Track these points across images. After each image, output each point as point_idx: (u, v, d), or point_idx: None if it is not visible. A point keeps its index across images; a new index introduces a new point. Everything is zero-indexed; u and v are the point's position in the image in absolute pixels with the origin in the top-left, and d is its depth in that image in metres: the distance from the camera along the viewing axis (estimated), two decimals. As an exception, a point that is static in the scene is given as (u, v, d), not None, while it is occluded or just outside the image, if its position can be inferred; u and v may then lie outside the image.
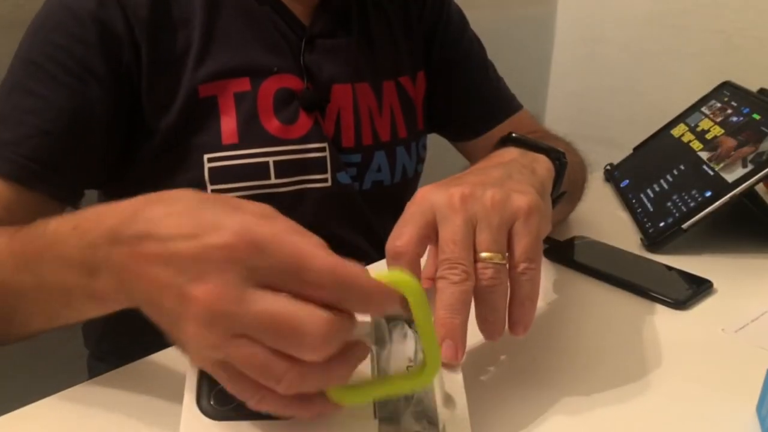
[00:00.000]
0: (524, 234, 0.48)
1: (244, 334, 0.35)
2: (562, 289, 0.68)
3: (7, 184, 0.64)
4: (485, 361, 0.55)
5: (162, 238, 0.37)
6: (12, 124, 0.65)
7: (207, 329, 0.35)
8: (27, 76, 0.67)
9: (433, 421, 0.44)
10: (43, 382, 0.57)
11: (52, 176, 0.66)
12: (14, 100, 0.67)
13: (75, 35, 0.66)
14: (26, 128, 0.65)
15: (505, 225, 0.47)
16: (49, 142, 0.65)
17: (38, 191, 0.65)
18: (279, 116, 0.73)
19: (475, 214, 0.47)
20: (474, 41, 0.93)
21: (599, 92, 1.85)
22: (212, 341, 0.35)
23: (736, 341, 0.60)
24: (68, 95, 0.66)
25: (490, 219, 0.47)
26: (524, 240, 0.48)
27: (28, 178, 0.64)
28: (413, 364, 0.46)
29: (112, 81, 0.68)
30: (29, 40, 0.68)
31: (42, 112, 0.65)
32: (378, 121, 0.81)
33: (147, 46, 0.68)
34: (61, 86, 0.66)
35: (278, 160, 0.73)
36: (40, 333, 0.52)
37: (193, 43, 0.70)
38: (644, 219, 0.83)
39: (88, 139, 0.68)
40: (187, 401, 0.45)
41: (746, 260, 0.77)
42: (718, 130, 0.90)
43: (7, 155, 0.64)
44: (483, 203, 0.47)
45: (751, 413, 0.50)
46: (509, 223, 0.48)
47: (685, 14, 1.64)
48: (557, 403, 0.51)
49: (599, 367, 0.56)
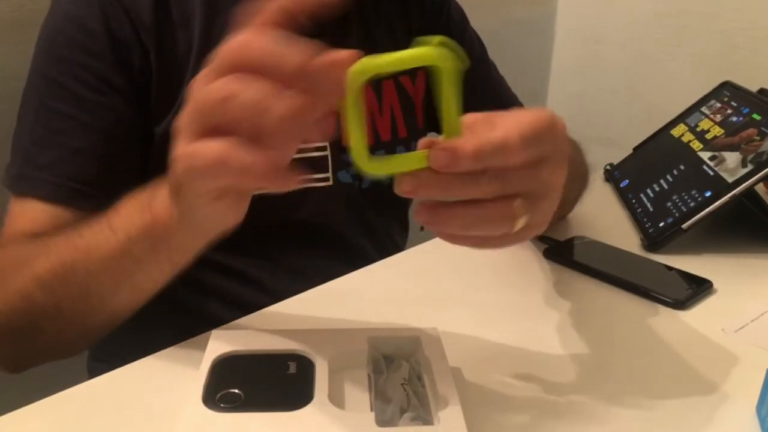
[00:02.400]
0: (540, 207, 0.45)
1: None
2: (562, 289, 0.68)
3: (49, 204, 0.66)
4: (482, 360, 0.55)
5: None
6: (46, 146, 0.67)
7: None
8: (52, 97, 0.68)
9: (429, 423, 0.44)
10: (43, 382, 0.57)
11: (92, 192, 0.68)
12: (43, 120, 0.68)
13: (89, 50, 0.67)
14: (60, 150, 0.67)
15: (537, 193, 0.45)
16: (83, 161, 0.67)
17: (80, 208, 0.67)
18: None
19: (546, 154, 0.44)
20: (475, 40, 0.93)
21: (599, 93, 1.85)
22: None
23: (736, 341, 0.60)
24: (94, 112, 0.68)
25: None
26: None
27: (69, 197, 0.67)
28: (406, 383, 0.48)
29: (130, 89, 0.69)
30: (44, 56, 0.69)
31: (72, 133, 0.67)
32: (378, 121, 0.81)
33: (154, 51, 0.69)
34: (85, 104, 0.67)
35: None
36: (118, 309, 0.55)
37: (193, 43, 0.70)
38: (644, 219, 0.83)
39: (119, 151, 0.69)
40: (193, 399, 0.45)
41: (746, 260, 0.77)
42: (718, 130, 0.90)
43: (46, 178, 0.66)
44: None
45: (751, 413, 0.50)
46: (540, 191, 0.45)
47: (685, 14, 1.64)
48: (556, 404, 0.51)
49: (599, 367, 0.56)
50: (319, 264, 0.74)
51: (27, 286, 0.58)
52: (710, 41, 1.61)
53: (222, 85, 0.38)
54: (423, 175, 0.41)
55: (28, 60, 0.70)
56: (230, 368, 0.49)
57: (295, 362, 0.49)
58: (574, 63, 1.90)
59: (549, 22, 1.89)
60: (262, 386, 0.47)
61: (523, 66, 1.78)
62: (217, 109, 0.39)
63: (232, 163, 0.39)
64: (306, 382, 0.47)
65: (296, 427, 0.43)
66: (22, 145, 0.69)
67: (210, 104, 0.39)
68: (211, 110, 0.39)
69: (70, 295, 0.57)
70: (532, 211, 0.44)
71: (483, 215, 0.42)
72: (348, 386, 0.50)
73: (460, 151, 0.40)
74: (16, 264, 0.60)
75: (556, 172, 0.45)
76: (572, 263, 0.73)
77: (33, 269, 0.58)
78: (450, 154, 0.40)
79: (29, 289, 0.58)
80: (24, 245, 0.62)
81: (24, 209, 0.67)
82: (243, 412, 0.44)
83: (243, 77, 0.38)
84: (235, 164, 0.39)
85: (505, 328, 0.59)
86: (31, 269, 0.58)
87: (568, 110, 1.92)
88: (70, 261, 0.57)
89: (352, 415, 0.46)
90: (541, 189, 0.44)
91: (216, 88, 0.38)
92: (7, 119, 0.71)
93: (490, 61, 0.94)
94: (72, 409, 0.49)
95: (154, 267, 0.55)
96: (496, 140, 0.40)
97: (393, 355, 0.52)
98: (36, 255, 0.59)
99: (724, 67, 1.55)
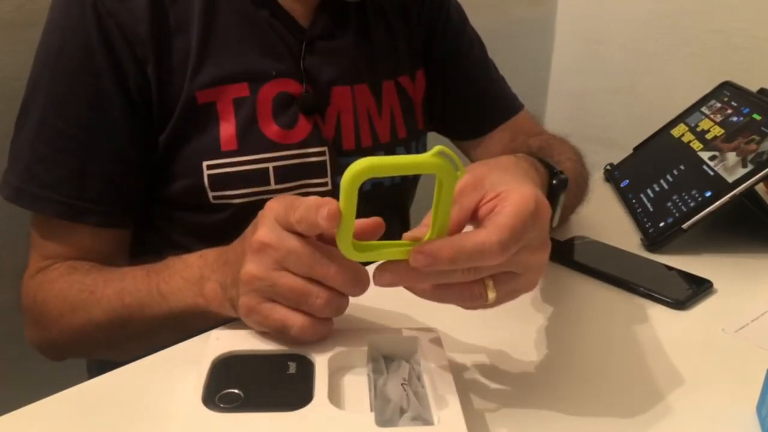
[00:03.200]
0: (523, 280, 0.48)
1: (285, 267, 0.48)
2: (562, 289, 0.68)
3: (57, 222, 0.69)
4: (482, 360, 0.55)
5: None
6: (50, 165, 0.68)
7: (258, 257, 0.49)
8: (53, 114, 0.68)
9: (429, 423, 0.44)
10: (43, 382, 0.57)
11: (98, 208, 0.69)
12: (45, 138, 0.68)
13: (88, 69, 0.68)
14: (64, 170, 0.68)
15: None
16: (88, 179, 0.69)
17: (88, 224, 0.69)
18: (278, 121, 0.73)
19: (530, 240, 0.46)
20: (474, 40, 0.92)
21: (599, 92, 1.85)
22: (262, 270, 0.48)
23: (736, 341, 0.60)
24: (96, 130, 0.69)
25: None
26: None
27: (76, 214, 0.69)
28: (406, 383, 0.48)
29: (128, 103, 0.69)
30: (44, 72, 0.69)
31: (76, 152, 0.68)
32: (377, 122, 0.81)
33: (152, 62, 0.68)
34: (87, 123, 0.68)
35: (278, 166, 0.73)
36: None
37: (191, 50, 0.70)
38: (644, 219, 0.83)
39: (123, 166, 0.70)
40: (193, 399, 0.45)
41: (746, 260, 0.77)
42: (718, 130, 0.90)
43: (52, 197, 0.68)
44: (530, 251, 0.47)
45: (751, 413, 0.50)
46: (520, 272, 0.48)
47: (685, 14, 1.64)
48: (556, 404, 0.51)
49: (599, 367, 0.56)
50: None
51: (86, 329, 0.65)
52: (710, 41, 1.61)
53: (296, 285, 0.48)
54: (401, 269, 0.45)
55: (28, 60, 0.70)
56: (230, 368, 0.49)
57: (295, 362, 0.49)
58: (574, 63, 1.90)
59: (549, 22, 1.89)
60: (262, 386, 0.47)
61: (523, 66, 1.78)
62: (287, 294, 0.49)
63: (293, 334, 0.49)
64: (306, 382, 0.47)
65: (296, 427, 0.43)
66: (22, 158, 0.69)
67: (283, 293, 0.49)
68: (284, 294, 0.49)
69: (127, 336, 0.64)
70: (514, 285, 0.47)
71: (453, 295, 0.46)
72: (348, 386, 0.50)
73: (438, 257, 0.43)
74: (72, 307, 0.65)
75: (537, 254, 0.47)
76: (572, 263, 0.73)
77: (89, 315, 0.64)
78: (428, 257, 0.43)
79: (89, 332, 0.65)
80: (68, 282, 0.67)
81: (41, 229, 0.70)
82: (243, 412, 0.44)
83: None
84: (293, 336, 0.49)
85: (505, 328, 0.59)
86: (88, 314, 0.64)
87: (568, 110, 1.92)
88: (126, 315, 0.62)
89: (352, 415, 0.46)
90: (519, 269, 0.47)
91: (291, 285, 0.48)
92: (7, 119, 0.71)
93: (490, 61, 0.94)
94: (72, 409, 0.49)
95: (168, 335, 0.59)
96: (473, 249, 0.43)
97: (393, 355, 0.52)
98: (89, 303, 0.64)
99: (724, 67, 1.55)
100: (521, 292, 0.49)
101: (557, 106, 1.95)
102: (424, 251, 0.43)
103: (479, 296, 0.46)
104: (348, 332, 0.53)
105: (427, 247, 0.43)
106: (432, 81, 0.88)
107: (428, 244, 0.43)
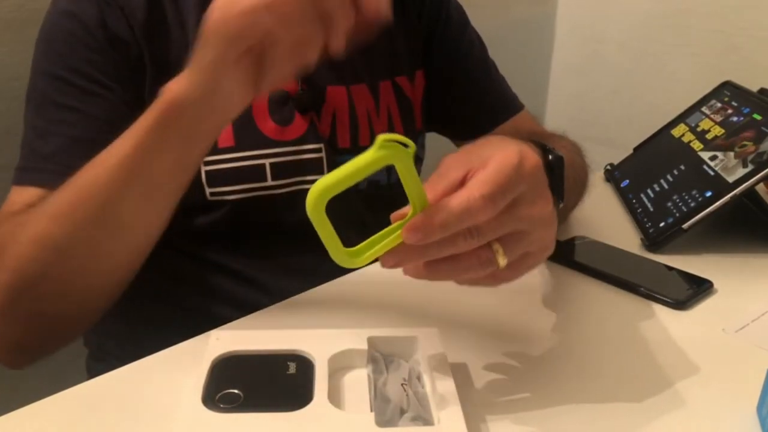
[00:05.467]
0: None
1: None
2: (562, 289, 0.68)
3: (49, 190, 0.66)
4: (482, 361, 0.55)
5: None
6: (48, 136, 0.67)
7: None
8: (55, 91, 0.68)
9: (429, 423, 0.44)
10: (43, 382, 0.58)
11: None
12: (45, 114, 0.68)
13: (87, 44, 0.67)
14: (62, 139, 0.67)
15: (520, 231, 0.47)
16: (84, 150, 0.66)
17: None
18: (274, 118, 0.73)
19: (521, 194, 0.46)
20: (475, 40, 0.92)
21: (599, 92, 1.85)
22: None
23: (736, 341, 0.60)
24: (94, 102, 0.68)
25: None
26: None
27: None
28: (406, 383, 0.48)
29: (128, 82, 0.69)
30: (44, 54, 0.69)
31: (75, 123, 0.67)
32: (376, 123, 0.81)
33: (148, 50, 0.69)
34: (89, 96, 0.68)
35: (274, 162, 0.73)
36: (131, 242, 0.57)
37: (188, 45, 0.70)
38: (644, 219, 0.83)
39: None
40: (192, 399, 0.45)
41: (746, 260, 0.77)
42: (718, 130, 0.90)
43: (50, 167, 0.66)
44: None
45: (751, 413, 0.50)
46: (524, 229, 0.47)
47: (685, 14, 1.64)
48: (556, 404, 0.51)
49: (599, 367, 0.56)
50: (319, 264, 0.74)
51: (39, 228, 0.59)
52: (710, 41, 1.61)
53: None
54: (402, 250, 0.45)
55: (28, 60, 0.70)
56: (230, 368, 0.49)
57: (295, 362, 0.49)
58: (574, 63, 1.90)
59: (549, 22, 1.89)
60: (262, 386, 0.47)
61: (523, 66, 1.78)
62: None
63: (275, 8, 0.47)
64: (306, 383, 0.47)
65: (296, 427, 0.43)
66: (27, 142, 0.69)
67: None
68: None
69: (87, 217, 0.58)
70: (525, 245, 0.47)
71: (462, 266, 0.46)
72: (348, 386, 0.50)
73: (428, 227, 0.43)
74: (19, 224, 0.60)
75: (536, 206, 0.47)
76: (572, 263, 0.73)
77: (45, 211, 0.59)
78: (419, 231, 0.43)
79: (44, 230, 0.59)
80: (25, 213, 0.62)
81: (22, 195, 0.67)
82: (242, 412, 0.44)
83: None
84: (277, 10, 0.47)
85: (505, 328, 0.59)
86: (44, 212, 0.59)
87: (568, 110, 1.92)
88: (87, 180, 0.58)
89: (351, 416, 0.46)
90: (523, 226, 0.46)
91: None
92: (7, 119, 0.71)
93: (490, 61, 0.94)
94: (72, 409, 0.49)
95: (164, 164, 0.56)
96: (459, 208, 0.43)
97: (393, 355, 0.52)
98: (48, 203, 0.59)
99: (724, 67, 1.55)
100: (537, 258, 0.48)
101: (557, 106, 1.95)
102: (415, 226, 0.43)
103: (488, 261, 0.46)
104: (348, 332, 0.53)
105: (416, 222, 0.43)
106: (432, 81, 0.88)
107: (415, 219, 0.43)
